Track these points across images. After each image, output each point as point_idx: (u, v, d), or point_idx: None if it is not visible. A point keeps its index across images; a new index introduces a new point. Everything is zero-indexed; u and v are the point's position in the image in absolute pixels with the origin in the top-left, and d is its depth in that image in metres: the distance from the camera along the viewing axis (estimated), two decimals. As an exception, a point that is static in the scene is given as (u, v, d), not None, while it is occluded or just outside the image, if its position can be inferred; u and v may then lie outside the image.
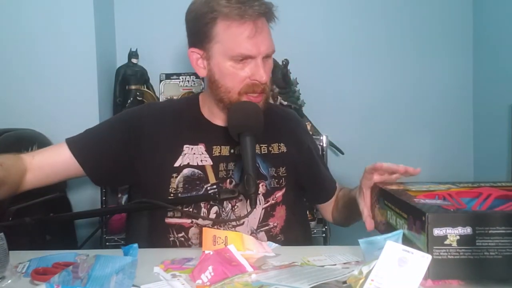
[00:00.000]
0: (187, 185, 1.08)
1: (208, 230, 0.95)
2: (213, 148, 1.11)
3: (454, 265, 0.66)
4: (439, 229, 0.66)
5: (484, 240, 0.66)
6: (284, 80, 1.99)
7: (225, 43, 1.03)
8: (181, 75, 2.00)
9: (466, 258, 0.66)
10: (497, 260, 0.66)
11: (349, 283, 0.66)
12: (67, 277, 0.71)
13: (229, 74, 1.04)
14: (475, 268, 0.66)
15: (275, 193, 1.13)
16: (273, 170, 1.14)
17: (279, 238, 1.12)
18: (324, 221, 1.94)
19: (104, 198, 1.88)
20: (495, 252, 0.66)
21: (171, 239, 1.08)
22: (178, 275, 0.80)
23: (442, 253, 0.66)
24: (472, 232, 0.66)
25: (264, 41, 1.04)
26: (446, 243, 0.66)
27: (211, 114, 1.15)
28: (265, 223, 1.11)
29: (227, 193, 1.03)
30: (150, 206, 1.06)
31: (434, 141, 2.19)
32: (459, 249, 0.66)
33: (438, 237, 0.66)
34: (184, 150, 1.10)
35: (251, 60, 1.04)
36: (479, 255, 0.66)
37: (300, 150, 1.21)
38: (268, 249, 0.95)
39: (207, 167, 1.10)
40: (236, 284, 0.72)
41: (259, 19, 1.04)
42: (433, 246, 0.66)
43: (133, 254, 0.81)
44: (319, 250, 0.94)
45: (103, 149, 1.11)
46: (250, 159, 0.99)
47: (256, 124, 1.04)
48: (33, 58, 1.88)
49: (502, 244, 0.66)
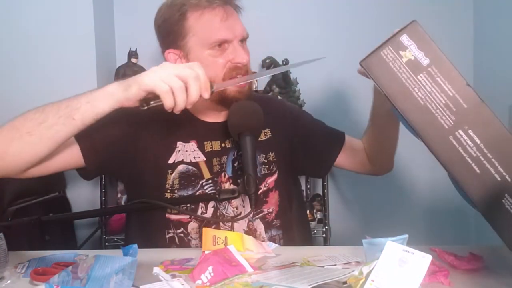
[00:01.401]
0: (183, 181, 1.08)
1: (208, 231, 0.95)
2: (204, 144, 1.11)
3: None
4: None
5: None
6: (284, 80, 1.99)
7: (200, 33, 1.05)
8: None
9: None
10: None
11: (349, 284, 0.66)
12: (66, 277, 0.71)
13: (210, 64, 1.05)
14: None
15: (266, 180, 1.13)
16: (263, 156, 1.14)
17: (274, 223, 1.12)
18: (324, 221, 1.94)
19: (103, 198, 1.88)
20: None
21: (170, 235, 1.08)
22: (178, 275, 0.80)
23: None
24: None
25: (237, 24, 1.07)
26: None
27: (197, 112, 1.14)
28: (259, 210, 1.11)
29: (227, 193, 1.03)
30: (150, 206, 1.06)
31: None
32: None
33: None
34: (177, 146, 1.10)
35: (228, 45, 1.06)
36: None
37: (286, 131, 1.20)
38: (268, 249, 0.95)
39: (200, 163, 1.10)
40: (236, 284, 0.71)
41: (227, 6, 1.07)
42: None
43: (133, 254, 0.81)
44: (319, 251, 0.94)
45: (102, 136, 1.09)
46: (250, 159, 0.99)
47: (256, 124, 1.04)
48: (33, 58, 1.88)
49: None
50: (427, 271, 0.62)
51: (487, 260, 0.82)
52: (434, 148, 0.68)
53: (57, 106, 0.91)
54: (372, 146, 1.20)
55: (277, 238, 1.12)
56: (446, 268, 0.77)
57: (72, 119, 0.89)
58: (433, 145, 0.69)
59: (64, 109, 0.90)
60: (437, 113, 0.68)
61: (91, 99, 0.90)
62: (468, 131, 0.67)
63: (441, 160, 0.68)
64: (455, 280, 0.75)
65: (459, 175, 0.68)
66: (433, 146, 0.69)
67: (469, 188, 0.67)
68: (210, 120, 1.14)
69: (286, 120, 1.22)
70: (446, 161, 0.68)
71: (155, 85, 0.87)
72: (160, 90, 0.87)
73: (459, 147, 0.67)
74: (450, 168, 0.68)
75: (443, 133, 0.68)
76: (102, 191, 1.88)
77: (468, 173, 0.67)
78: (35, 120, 0.90)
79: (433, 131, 0.68)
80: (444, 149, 0.68)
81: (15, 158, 0.93)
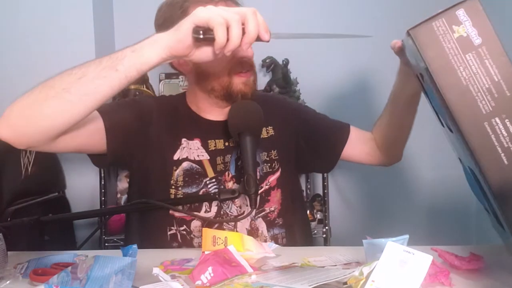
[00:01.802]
0: (187, 178, 1.08)
1: (208, 231, 0.95)
2: (208, 142, 1.11)
3: None
4: None
5: None
6: (284, 80, 1.99)
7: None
8: (181, 75, 1.99)
9: None
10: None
11: (349, 284, 0.65)
12: (66, 277, 0.71)
13: (215, 59, 1.04)
14: None
15: (268, 178, 1.13)
16: (265, 154, 1.14)
17: (277, 222, 1.12)
18: (324, 221, 1.94)
19: (103, 198, 1.88)
20: None
21: (172, 232, 1.08)
22: (178, 276, 0.79)
23: None
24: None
25: None
26: None
27: (200, 110, 1.14)
28: (261, 209, 1.11)
29: (227, 193, 1.03)
30: (150, 206, 1.06)
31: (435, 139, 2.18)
32: None
33: None
34: (182, 143, 1.10)
35: None
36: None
37: (289, 128, 1.20)
38: (268, 249, 0.95)
39: (204, 161, 1.10)
40: (236, 285, 0.71)
41: (228, 1, 1.05)
42: None
43: (133, 255, 0.81)
44: (320, 251, 0.94)
45: (122, 119, 1.07)
46: (250, 159, 0.99)
47: (256, 124, 1.04)
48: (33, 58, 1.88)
49: None
50: (428, 272, 0.62)
51: (488, 260, 0.82)
52: (466, 131, 0.66)
53: (99, 60, 0.83)
54: (386, 135, 1.18)
55: (280, 237, 1.12)
56: (446, 268, 0.76)
57: (115, 70, 0.81)
58: (466, 128, 0.66)
59: (106, 61, 0.82)
60: (478, 97, 0.66)
61: (137, 48, 0.82)
62: (505, 120, 0.65)
63: (470, 144, 0.66)
64: (455, 280, 0.75)
65: (485, 162, 0.65)
66: (465, 129, 0.66)
67: (491, 177, 0.65)
68: (213, 118, 1.14)
69: (288, 116, 1.22)
70: (475, 146, 0.66)
71: (210, 17, 0.77)
72: (215, 22, 0.77)
73: (492, 134, 0.65)
74: (478, 153, 0.66)
75: (479, 118, 0.65)
76: (102, 191, 1.88)
77: (495, 162, 0.65)
78: (74, 75, 0.82)
79: (469, 114, 0.66)
80: (476, 134, 0.66)
81: (50, 121, 0.83)
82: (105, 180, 1.89)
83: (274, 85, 2.01)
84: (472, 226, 2.17)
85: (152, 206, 1.06)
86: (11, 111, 0.84)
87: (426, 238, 1.78)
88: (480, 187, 0.72)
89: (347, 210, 2.20)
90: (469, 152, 0.66)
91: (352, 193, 2.21)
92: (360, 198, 2.21)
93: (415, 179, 2.18)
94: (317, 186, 2.13)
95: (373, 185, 2.18)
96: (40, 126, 0.83)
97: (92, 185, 1.93)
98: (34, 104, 0.82)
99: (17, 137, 0.85)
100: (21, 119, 0.83)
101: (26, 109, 0.83)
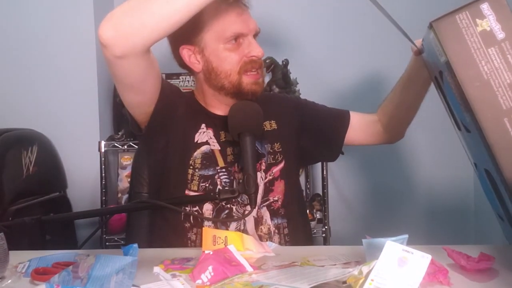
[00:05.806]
0: (205, 161, 1.12)
1: (208, 230, 0.95)
2: (220, 133, 1.14)
3: None
4: None
5: None
6: (284, 80, 1.99)
7: (216, 28, 1.07)
8: (181, 75, 1.99)
9: None
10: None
11: (349, 283, 0.66)
12: (67, 277, 0.71)
13: (226, 57, 1.08)
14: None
15: (271, 169, 1.16)
16: (269, 146, 1.17)
17: (280, 212, 1.15)
18: (324, 221, 1.94)
19: (103, 198, 1.88)
20: None
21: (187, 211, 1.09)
22: (178, 275, 0.80)
23: None
24: None
25: (251, 20, 1.10)
26: None
27: (209, 106, 1.17)
28: (266, 198, 1.14)
29: (227, 193, 1.03)
30: (150, 206, 1.07)
31: (435, 139, 2.18)
32: None
33: None
34: (202, 128, 1.14)
35: (243, 39, 1.08)
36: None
37: (291, 121, 1.23)
38: (268, 249, 0.96)
39: (215, 151, 1.13)
40: (236, 284, 0.72)
41: (239, 1, 1.09)
42: None
43: (133, 254, 0.81)
44: (319, 250, 0.95)
45: (170, 87, 1.15)
46: (250, 159, 1.00)
47: (256, 124, 1.05)
48: (33, 58, 1.88)
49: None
50: (427, 271, 0.62)
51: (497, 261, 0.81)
52: (485, 126, 0.65)
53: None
54: (393, 115, 1.22)
55: (282, 227, 1.14)
56: (445, 267, 0.77)
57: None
58: (485, 123, 0.65)
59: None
60: (498, 92, 0.65)
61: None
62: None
63: (488, 139, 0.65)
64: (454, 279, 0.75)
65: (503, 159, 0.64)
66: (484, 124, 0.65)
67: (508, 173, 0.64)
68: (222, 114, 1.16)
69: (289, 110, 1.25)
70: (493, 142, 0.65)
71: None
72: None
73: (511, 131, 0.65)
74: (496, 149, 0.65)
75: (499, 113, 0.64)
76: (102, 191, 1.88)
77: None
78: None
79: (489, 109, 0.65)
80: (495, 130, 0.65)
81: (157, 18, 0.89)
82: (106, 180, 1.90)
83: (274, 85, 2.00)
84: (471, 226, 2.18)
85: (152, 206, 1.06)
86: (115, 12, 0.89)
87: (425, 238, 1.79)
88: (495, 191, 0.71)
89: (346, 210, 2.20)
90: (486, 148, 0.65)
91: (352, 192, 2.21)
92: (360, 198, 2.21)
93: (415, 179, 2.18)
94: (317, 186, 2.13)
95: (372, 185, 2.18)
96: (146, 24, 0.88)
97: (93, 185, 1.93)
98: (142, 2, 0.88)
99: (118, 38, 0.89)
100: (127, 17, 0.89)
101: (133, 8, 0.89)
